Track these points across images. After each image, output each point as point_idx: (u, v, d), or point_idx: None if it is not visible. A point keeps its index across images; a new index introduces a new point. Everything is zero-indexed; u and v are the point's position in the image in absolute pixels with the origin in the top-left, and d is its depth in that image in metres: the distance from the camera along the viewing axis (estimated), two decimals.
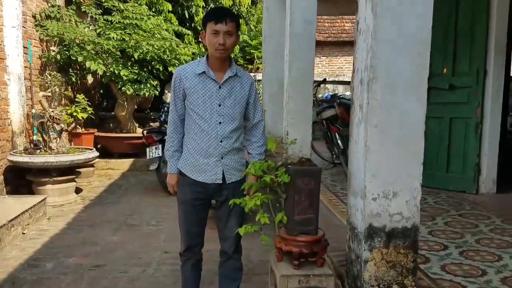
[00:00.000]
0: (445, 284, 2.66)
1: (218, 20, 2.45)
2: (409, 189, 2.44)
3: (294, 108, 4.99)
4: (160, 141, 6.14)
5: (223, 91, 2.58)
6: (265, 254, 3.98)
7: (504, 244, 3.32)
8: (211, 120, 2.57)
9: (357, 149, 2.53)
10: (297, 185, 2.45)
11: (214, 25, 2.45)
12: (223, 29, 2.45)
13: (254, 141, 2.77)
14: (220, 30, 2.46)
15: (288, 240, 2.49)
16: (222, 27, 2.45)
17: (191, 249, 2.81)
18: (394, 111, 2.38)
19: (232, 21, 2.48)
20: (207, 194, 2.68)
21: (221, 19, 2.45)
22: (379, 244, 2.45)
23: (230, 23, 2.46)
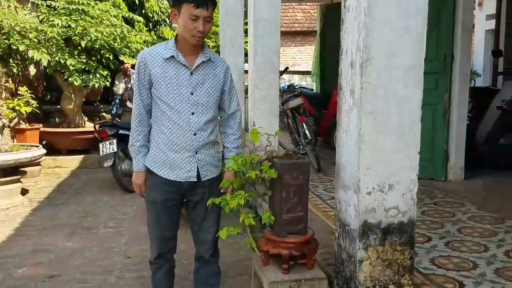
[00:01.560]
0: (440, 280, 2.52)
1: (199, 4, 2.13)
2: (406, 180, 2.25)
3: (260, 98, 4.73)
4: (115, 135, 5.71)
5: (195, 78, 2.28)
6: (237, 254, 3.73)
7: (487, 232, 3.25)
8: (183, 110, 2.26)
9: (347, 139, 2.30)
10: (284, 180, 2.20)
11: (194, 9, 2.13)
12: (203, 14, 2.16)
13: (231, 133, 2.50)
14: (200, 16, 2.15)
15: (276, 242, 2.24)
16: (203, 12, 2.15)
17: (164, 256, 2.50)
18: (391, 97, 2.17)
19: (213, 5, 2.19)
20: (180, 193, 2.38)
21: (202, 3, 2.14)
22: (374, 242, 2.25)
23: (211, 7, 2.17)
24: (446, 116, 4.84)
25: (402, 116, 2.19)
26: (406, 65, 2.15)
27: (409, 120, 2.20)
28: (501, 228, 3.31)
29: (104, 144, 5.68)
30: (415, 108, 2.20)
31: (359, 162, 2.18)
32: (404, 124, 2.20)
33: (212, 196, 2.32)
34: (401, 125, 2.20)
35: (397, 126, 2.19)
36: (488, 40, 11.38)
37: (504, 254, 2.83)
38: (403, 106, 2.18)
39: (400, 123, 2.19)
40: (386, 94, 2.16)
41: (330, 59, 7.25)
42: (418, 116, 2.21)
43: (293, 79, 11.67)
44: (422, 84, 2.20)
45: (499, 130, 5.40)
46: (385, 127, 2.18)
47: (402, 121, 2.19)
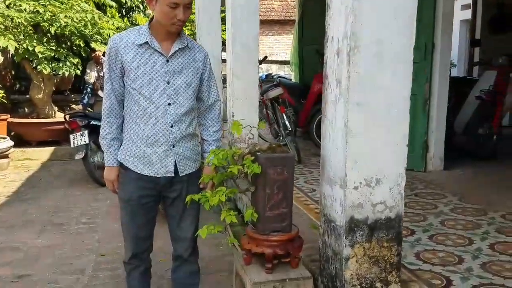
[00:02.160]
0: (426, 275, 2.45)
1: None
2: (394, 174, 2.16)
3: (240, 87, 4.59)
4: (86, 126, 5.48)
5: (172, 66, 2.13)
6: (217, 250, 3.60)
7: (470, 225, 3.21)
8: (158, 101, 2.11)
9: (333, 131, 2.19)
10: (268, 175, 2.07)
11: None
12: (184, 1, 2.00)
13: (210, 125, 2.35)
14: (180, 3, 2.00)
15: (259, 240, 2.12)
16: None
17: (139, 256, 2.36)
18: (379, 87, 2.06)
19: None
20: (157, 189, 2.23)
21: None
22: (361, 238, 2.16)
23: None
24: (426, 106, 4.80)
25: (390, 107, 2.09)
26: (396, 53, 2.05)
27: (397, 112, 2.10)
28: (483, 220, 3.28)
29: (75, 136, 5.44)
30: (404, 99, 2.10)
31: (346, 155, 2.08)
32: (393, 115, 2.10)
33: (191, 192, 2.19)
34: (390, 117, 2.10)
35: (385, 117, 2.09)
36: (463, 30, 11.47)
37: (489, 247, 2.79)
38: (392, 96, 2.08)
39: (389, 115, 2.09)
40: (374, 84, 2.05)
41: (309, 49, 7.13)
42: (406, 108, 2.12)
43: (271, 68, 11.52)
44: (411, 73, 2.10)
45: (477, 120, 5.41)
46: (373, 119, 2.08)
47: (390, 113, 2.09)
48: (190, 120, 2.22)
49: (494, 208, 3.55)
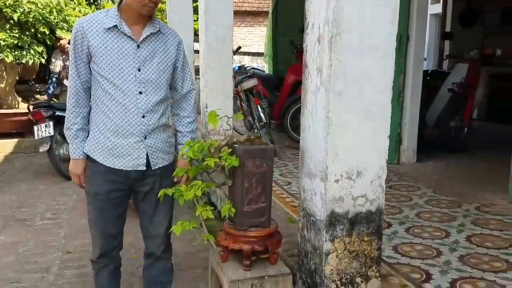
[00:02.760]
0: (405, 269, 2.41)
1: None
2: (375, 167, 2.10)
3: (213, 78, 4.48)
4: (51, 117, 5.24)
5: (143, 52, 1.99)
6: (190, 245, 3.49)
7: (446, 217, 3.20)
8: (129, 89, 1.98)
9: (313, 122, 2.11)
10: (247, 168, 1.98)
11: None
12: None
13: (184, 115, 2.23)
14: None
15: (237, 236, 2.03)
16: None
17: (108, 254, 2.22)
18: (362, 76, 1.99)
19: None
20: (127, 184, 2.10)
21: None
22: (341, 233, 2.09)
23: None
24: (400, 98, 4.79)
25: (373, 97, 2.02)
26: (379, 40, 1.98)
27: (380, 102, 2.04)
28: (459, 212, 3.28)
29: (40, 127, 5.19)
30: (387, 89, 2.04)
31: (327, 147, 2.00)
32: (375, 106, 2.03)
33: (164, 186, 2.07)
34: (372, 108, 2.03)
35: (367, 108, 2.02)
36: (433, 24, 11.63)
37: (466, 240, 2.79)
38: (375, 86, 2.01)
39: (370, 105, 2.02)
40: (356, 73, 1.97)
41: (283, 40, 7.04)
42: (389, 98, 2.05)
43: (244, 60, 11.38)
44: (394, 62, 2.04)
45: (449, 113, 5.45)
46: (355, 110, 2.00)
47: (372, 103, 2.02)
48: (163, 110, 2.10)
49: (468, 200, 3.56)
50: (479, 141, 5.81)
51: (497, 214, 3.22)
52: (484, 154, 5.18)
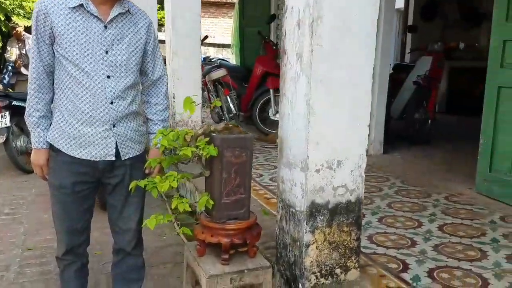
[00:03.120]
0: (382, 259, 2.40)
1: None
2: (355, 156, 2.07)
3: (181, 67, 4.33)
4: (8, 107, 4.94)
5: (111, 33, 1.87)
6: (160, 239, 3.37)
7: (416, 207, 3.23)
8: (96, 73, 1.85)
9: (293, 111, 2.05)
10: (225, 158, 1.89)
11: None
12: None
13: (156, 103, 2.11)
14: None
15: (215, 229, 1.94)
16: None
17: (74, 251, 2.09)
18: (343, 62, 1.94)
19: None
20: (95, 176, 1.97)
21: None
22: (321, 223, 2.04)
23: None
24: None
25: (354, 84, 1.98)
26: (361, 26, 1.93)
27: (361, 89, 2.00)
28: (428, 202, 3.32)
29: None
30: (368, 75, 2.00)
31: (308, 136, 1.94)
32: (356, 93, 1.99)
33: (135, 178, 1.95)
34: (353, 95, 1.98)
35: (349, 95, 1.98)
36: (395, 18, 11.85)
37: (438, 229, 2.81)
38: (356, 73, 1.97)
39: (352, 93, 1.98)
40: (338, 59, 1.92)
41: (250, 30, 6.95)
42: (369, 85, 2.01)
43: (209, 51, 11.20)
44: (374, 49, 2.00)
45: (414, 106, 5.53)
46: (336, 97, 1.96)
47: (354, 90, 1.98)
48: (133, 97, 1.97)
49: (436, 190, 3.62)
50: (441, 134, 5.94)
51: (465, 204, 3.28)
52: (447, 146, 5.30)
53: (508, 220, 2.95)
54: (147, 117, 2.13)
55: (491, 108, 3.33)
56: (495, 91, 3.28)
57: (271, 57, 6.04)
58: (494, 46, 3.27)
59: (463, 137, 5.61)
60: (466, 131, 6.12)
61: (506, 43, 3.19)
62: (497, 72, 3.27)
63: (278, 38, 6.84)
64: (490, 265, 2.32)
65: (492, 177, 3.37)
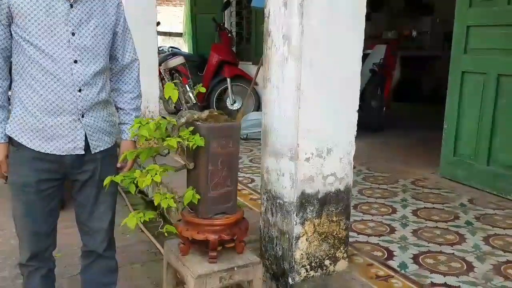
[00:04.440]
0: (366, 248, 2.36)
1: None
2: (344, 143, 1.99)
3: None
4: None
5: (77, 13, 1.67)
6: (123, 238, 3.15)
7: (387, 193, 3.24)
8: (61, 57, 1.65)
9: (280, 97, 1.93)
10: (212, 149, 1.74)
11: None
12: None
13: (127, 90, 1.92)
14: None
15: (201, 225, 1.79)
16: None
17: (41, 255, 1.88)
18: (333, 44, 1.85)
19: None
20: (61, 172, 1.77)
21: None
22: (311, 214, 1.96)
23: None
24: None
25: (343, 67, 1.89)
26: (348, 5, 1.84)
27: (349, 73, 1.92)
28: (398, 188, 3.34)
29: None
30: (357, 58, 1.92)
31: (298, 123, 1.84)
32: (345, 77, 1.91)
33: (107, 174, 1.76)
34: (342, 79, 1.90)
35: (338, 79, 1.89)
36: None
37: (413, 214, 2.82)
38: (345, 56, 1.89)
39: (341, 76, 1.90)
40: (328, 40, 1.83)
41: (203, 17, 6.74)
42: (358, 68, 1.94)
43: None
44: (364, 30, 1.92)
45: (370, 93, 5.59)
46: (326, 81, 1.87)
47: (343, 74, 1.90)
48: (103, 84, 1.78)
49: (402, 176, 3.65)
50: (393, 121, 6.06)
51: (433, 188, 3.33)
52: (402, 133, 5.39)
53: (476, 202, 3.02)
54: (118, 106, 1.94)
55: (455, 94, 3.39)
56: (459, 76, 3.34)
57: (226, 45, 5.89)
58: (457, 32, 3.32)
59: (413, 123, 5.75)
60: (415, 117, 6.31)
61: (469, 29, 3.25)
62: (460, 58, 3.33)
63: (233, 26, 6.68)
64: (470, 248, 2.35)
65: (456, 161, 3.44)
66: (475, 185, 3.29)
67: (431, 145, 4.67)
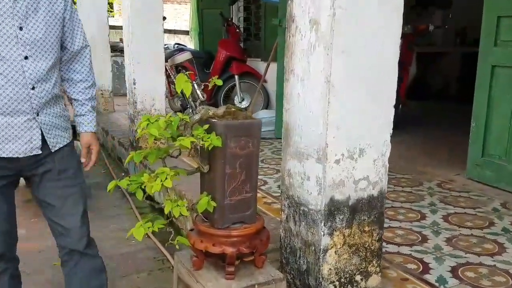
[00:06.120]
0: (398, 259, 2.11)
1: None
2: (379, 143, 1.76)
3: (141, 49, 3.85)
4: None
5: (23, 5, 1.51)
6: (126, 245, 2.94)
7: (412, 196, 2.98)
8: (10, 54, 1.50)
9: (305, 90, 1.70)
10: (229, 150, 1.52)
11: None
12: None
13: (80, 79, 1.77)
14: None
15: (217, 236, 1.57)
16: None
17: (7, 256, 1.74)
18: (366, 27, 1.61)
19: None
20: (16, 169, 1.63)
21: None
22: (341, 224, 1.73)
23: None
24: None
25: (379, 56, 1.66)
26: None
27: (386, 62, 1.69)
28: (423, 191, 3.10)
29: None
30: (395, 46, 1.69)
31: (327, 120, 1.60)
32: (382, 65, 1.68)
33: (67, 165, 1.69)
34: (378, 69, 1.67)
35: (373, 69, 1.66)
36: None
37: (444, 220, 2.58)
38: (382, 43, 1.65)
39: (377, 66, 1.66)
40: (363, 23, 1.59)
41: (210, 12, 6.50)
42: (396, 57, 1.71)
43: None
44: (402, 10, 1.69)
45: None
46: (359, 72, 1.63)
47: (379, 63, 1.67)
48: (56, 77, 1.64)
49: (425, 177, 3.41)
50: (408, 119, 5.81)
51: (461, 191, 3.09)
52: (419, 131, 5.15)
53: (510, 207, 2.78)
54: (71, 97, 1.79)
55: (483, 90, 3.14)
56: (489, 71, 3.09)
57: (234, 41, 5.66)
58: (487, 23, 3.08)
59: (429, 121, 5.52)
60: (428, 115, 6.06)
61: (500, 20, 3.00)
62: (490, 51, 3.08)
63: (240, 21, 6.45)
64: None
65: (485, 162, 3.20)
66: (505, 188, 3.05)
67: (451, 144, 4.43)
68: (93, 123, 1.78)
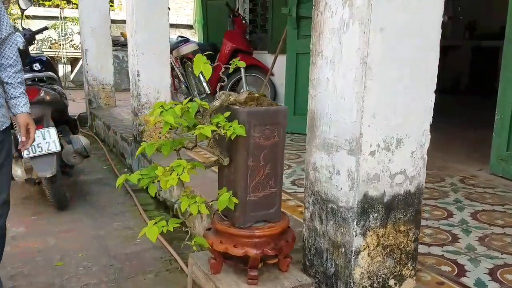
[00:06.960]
0: (430, 261, 1.94)
1: None
2: (417, 133, 1.58)
3: (146, 40, 3.67)
4: None
5: None
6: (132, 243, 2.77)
7: (436, 193, 2.82)
8: None
9: (335, 74, 1.52)
10: (253, 140, 1.34)
11: None
12: None
13: (10, 64, 1.86)
14: None
15: (239, 237, 1.40)
16: None
17: None
18: (407, 6, 1.43)
19: None
20: None
21: None
22: (375, 223, 1.55)
23: None
24: None
25: (420, 35, 1.48)
26: None
27: (428, 42, 1.51)
28: (446, 187, 2.92)
29: None
30: (437, 21, 1.51)
31: (362, 107, 1.43)
32: (420, 46, 1.50)
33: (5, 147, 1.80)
34: (418, 50, 1.49)
35: (414, 50, 1.48)
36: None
37: (472, 218, 2.41)
38: (423, 17, 1.47)
39: (416, 44, 1.48)
40: None
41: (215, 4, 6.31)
42: (438, 36, 1.52)
43: None
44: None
45: None
46: (398, 52, 1.45)
47: (418, 41, 1.49)
48: None
49: (446, 173, 3.24)
50: None
51: (486, 187, 2.91)
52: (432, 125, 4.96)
53: None
54: (3, 81, 1.86)
55: (509, 80, 2.96)
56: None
57: (240, 32, 5.47)
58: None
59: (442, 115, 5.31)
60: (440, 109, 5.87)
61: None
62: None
63: (246, 13, 6.26)
64: None
65: (511, 157, 3.02)
66: None
67: (468, 138, 4.26)
68: (28, 105, 1.87)
